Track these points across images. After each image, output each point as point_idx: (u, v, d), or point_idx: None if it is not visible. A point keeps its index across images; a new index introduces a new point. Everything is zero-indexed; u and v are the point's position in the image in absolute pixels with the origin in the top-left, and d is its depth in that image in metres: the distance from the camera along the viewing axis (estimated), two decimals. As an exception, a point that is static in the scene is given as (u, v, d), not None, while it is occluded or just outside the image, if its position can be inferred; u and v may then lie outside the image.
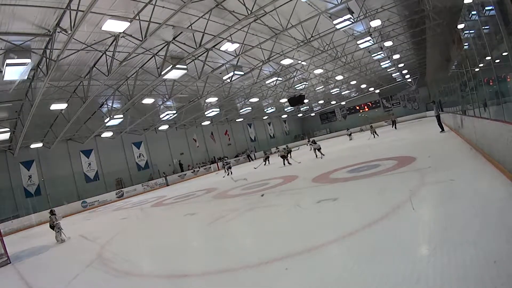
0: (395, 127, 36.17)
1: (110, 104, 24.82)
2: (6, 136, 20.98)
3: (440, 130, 19.10)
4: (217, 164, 41.86)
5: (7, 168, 25.19)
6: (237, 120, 49.36)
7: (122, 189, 30.77)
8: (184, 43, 17.55)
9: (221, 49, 19.29)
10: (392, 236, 5.08)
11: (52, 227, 12.11)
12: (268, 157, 29.86)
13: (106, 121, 25.41)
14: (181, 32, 16.63)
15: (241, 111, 41.35)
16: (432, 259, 3.95)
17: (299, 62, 26.41)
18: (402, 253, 4.35)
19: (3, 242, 10.76)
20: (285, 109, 53.66)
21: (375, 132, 29.18)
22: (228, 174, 25.39)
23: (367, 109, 61.47)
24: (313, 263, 4.84)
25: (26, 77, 13.72)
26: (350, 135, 37.90)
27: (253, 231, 8.09)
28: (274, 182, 15.25)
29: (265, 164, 27.44)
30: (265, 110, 47.75)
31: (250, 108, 41.18)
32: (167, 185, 33.86)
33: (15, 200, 24.82)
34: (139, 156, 36.04)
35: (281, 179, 15.53)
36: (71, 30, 11.65)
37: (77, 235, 13.66)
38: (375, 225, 5.72)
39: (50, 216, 12.30)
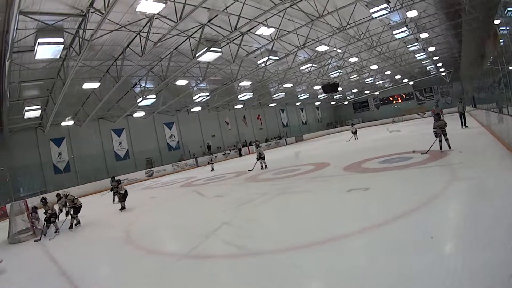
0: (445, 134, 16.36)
1: (143, 85, 24.87)
2: (37, 113, 21.33)
3: (461, 126, 19.99)
4: (248, 148, 41.94)
5: (37, 145, 25.74)
6: (269, 105, 48.80)
7: (152, 169, 31.11)
8: (219, 26, 17.19)
9: (256, 33, 18.83)
10: (422, 230, 4.96)
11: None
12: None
13: (138, 101, 25.57)
14: (216, 15, 16.20)
15: (274, 96, 40.88)
16: (460, 257, 3.91)
17: (334, 49, 25.65)
18: (429, 249, 4.28)
19: (29, 217, 10.97)
20: (319, 96, 52.64)
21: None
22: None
23: (400, 101, 59.35)
24: (340, 252, 4.88)
25: (58, 56, 13.70)
26: (355, 133, 29.06)
27: (281, 216, 8.00)
28: (305, 168, 15.12)
29: None
30: (298, 96, 46.90)
31: (284, 93, 40.50)
32: (197, 166, 34.05)
33: (43, 176, 25.56)
34: (171, 137, 36.33)
35: (312, 166, 15.34)
36: (104, 11, 11.47)
37: (105, 212, 13.95)
38: (406, 218, 5.69)
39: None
